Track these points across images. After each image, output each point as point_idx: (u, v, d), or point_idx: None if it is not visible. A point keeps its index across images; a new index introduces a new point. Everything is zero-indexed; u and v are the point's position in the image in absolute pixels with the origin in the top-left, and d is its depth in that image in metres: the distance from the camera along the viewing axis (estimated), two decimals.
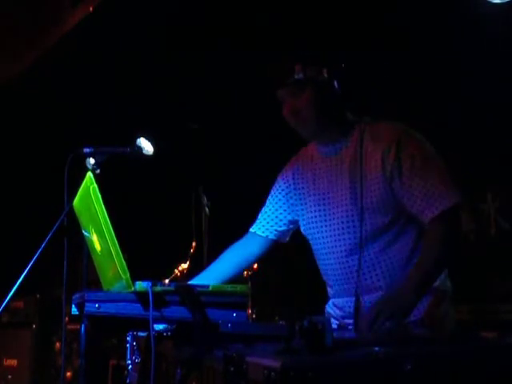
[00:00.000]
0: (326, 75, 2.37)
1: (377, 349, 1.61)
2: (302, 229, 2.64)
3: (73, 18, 5.34)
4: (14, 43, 5.86)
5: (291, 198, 2.65)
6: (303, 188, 2.60)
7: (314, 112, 2.40)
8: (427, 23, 4.23)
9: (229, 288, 1.99)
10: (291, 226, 2.70)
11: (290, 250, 2.99)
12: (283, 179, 2.68)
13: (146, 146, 2.84)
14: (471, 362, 1.62)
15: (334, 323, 2.49)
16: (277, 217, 2.69)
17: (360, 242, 2.38)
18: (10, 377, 5.65)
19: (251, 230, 2.75)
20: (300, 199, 2.61)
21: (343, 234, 2.44)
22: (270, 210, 2.71)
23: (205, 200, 4.01)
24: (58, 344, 5.48)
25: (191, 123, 5.30)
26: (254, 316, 3.94)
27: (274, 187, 2.72)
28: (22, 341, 5.67)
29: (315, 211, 2.53)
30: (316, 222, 2.54)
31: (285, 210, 2.67)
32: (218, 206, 4.05)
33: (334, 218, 2.47)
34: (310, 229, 2.57)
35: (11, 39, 5.82)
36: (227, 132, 5.44)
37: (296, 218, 2.65)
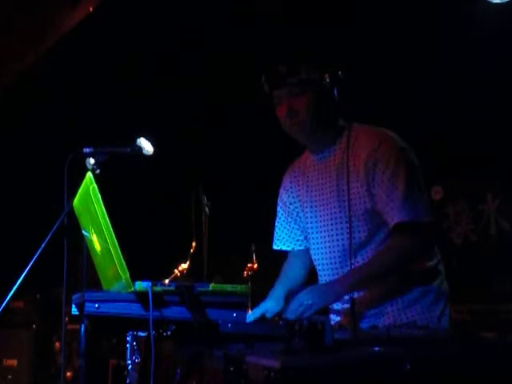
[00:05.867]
0: (328, 80, 2.38)
1: (377, 349, 1.61)
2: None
3: (73, 18, 5.34)
4: (14, 43, 5.86)
5: (291, 204, 2.64)
6: (299, 195, 2.60)
7: (311, 115, 2.40)
8: (427, 23, 4.23)
9: (229, 288, 1.99)
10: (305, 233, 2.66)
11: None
12: (283, 188, 2.68)
13: (146, 146, 2.83)
14: (471, 361, 1.62)
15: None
16: (292, 227, 2.66)
17: (349, 248, 2.38)
18: (9, 377, 5.65)
19: (274, 247, 2.71)
20: (298, 204, 2.61)
21: (332, 241, 2.45)
22: (283, 221, 2.68)
23: (205, 200, 4.00)
24: (57, 344, 5.48)
25: (194, 123, 5.30)
26: None
27: (278, 199, 2.71)
28: (21, 341, 5.67)
29: (308, 217, 2.55)
30: (309, 228, 2.55)
31: (293, 219, 2.65)
32: (218, 205, 4.05)
33: (323, 225, 2.48)
34: (307, 234, 2.59)
35: (11, 39, 5.82)
36: (227, 132, 5.44)
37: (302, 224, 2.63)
